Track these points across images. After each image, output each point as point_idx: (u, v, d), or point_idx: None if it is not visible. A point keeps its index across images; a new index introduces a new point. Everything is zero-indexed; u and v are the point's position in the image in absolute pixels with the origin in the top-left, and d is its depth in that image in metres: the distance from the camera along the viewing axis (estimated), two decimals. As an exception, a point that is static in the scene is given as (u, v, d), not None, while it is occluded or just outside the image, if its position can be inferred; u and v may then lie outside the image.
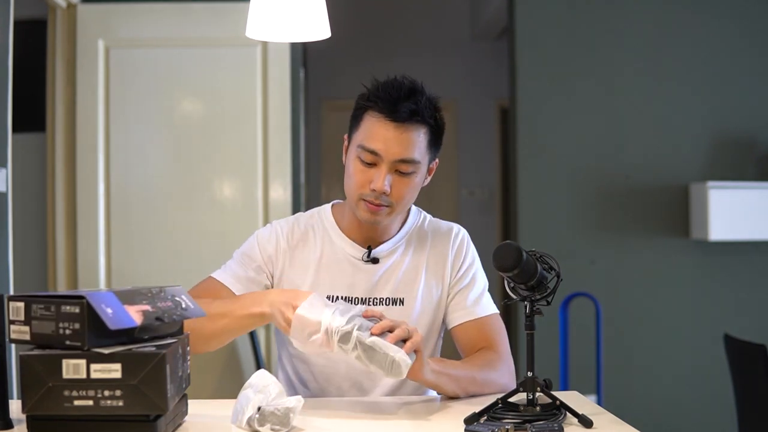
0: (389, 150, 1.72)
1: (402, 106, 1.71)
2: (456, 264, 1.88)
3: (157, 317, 1.42)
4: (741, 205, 3.76)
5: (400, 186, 1.75)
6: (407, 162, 1.73)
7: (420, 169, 1.77)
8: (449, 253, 1.88)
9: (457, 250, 1.88)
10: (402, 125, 1.72)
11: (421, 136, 1.74)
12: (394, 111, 1.71)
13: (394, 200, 1.76)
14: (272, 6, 1.81)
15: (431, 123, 1.76)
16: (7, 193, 2.80)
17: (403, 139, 1.72)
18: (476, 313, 1.85)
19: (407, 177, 1.75)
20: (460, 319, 1.85)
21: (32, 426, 1.36)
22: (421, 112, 1.72)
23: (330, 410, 1.64)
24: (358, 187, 1.75)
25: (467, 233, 1.93)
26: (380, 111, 1.72)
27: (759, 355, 2.71)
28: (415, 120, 1.72)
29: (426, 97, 1.74)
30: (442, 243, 1.89)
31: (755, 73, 3.98)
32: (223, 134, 3.59)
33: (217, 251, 3.54)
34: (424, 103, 1.73)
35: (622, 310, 3.91)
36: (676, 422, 3.91)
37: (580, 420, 1.46)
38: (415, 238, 1.89)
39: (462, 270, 1.88)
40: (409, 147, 1.73)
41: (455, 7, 5.84)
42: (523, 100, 3.96)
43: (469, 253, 1.90)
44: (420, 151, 1.75)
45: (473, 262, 1.90)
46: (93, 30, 3.54)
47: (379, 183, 1.72)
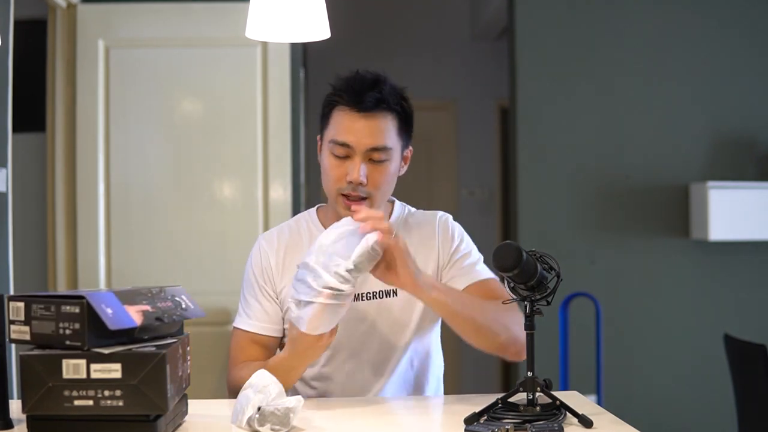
0: (360, 140, 1.75)
1: (367, 96, 1.75)
2: (445, 244, 1.88)
3: (157, 317, 1.42)
4: (741, 205, 3.75)
5: (376, 175, 1.77)
6: (379, 150, 1.76)
7: (393, 156, 1.80)
8: (436, 237, 1.88)
9: (443, 231, 1.89)
10: (369, 114, 1.76)
11: (389, 123, 1.78)
12: (359, 102, 1.75)
13: (372, 190, 1.77)
14: (272, 6, 1.81)
15: (398, 110, 1.79)
16: (7, 193, 2.80)
17: (372, 127, 1.76)
18: (478, 276, 1.84)
19: (381, 165, 1.78)
20: (465, 282, 1.83)
21: (32, 426, 1.36)
22: (386, 99, 1.76)
23: (330, 410, 1.64)
24: (335, 182, 1.78)
25: (451, 217, 1.94)
26: (346, 104, 1.77)
27: (759, 355, 2.71)
28: (381, 108, 1.76)
29: (390, 86, 1.79)
30: (428, 229, 1.90)
31: (755, 73, 3.98)
32: (223, 134, 3.58)
33: (217, 251, 3.55)
34: (388, 90, 1.78)
35: (622, 310, 3.91)
36: (676, 422, 3.91)
37: (580, 420, 1.46)
38: (401, 229, 1.89)
39: (453, 246, 1.88)
40: (378, 135, 1.76)
41: (455, 7, 5.84)
42: (523, 100, 3.96)
43: (456, 231, 1.91)
44: (390, 138, 1.78)
45: (462, 238, 1.90)
46: (93, 30, 3.54)
47: (355, 174, 1.75)
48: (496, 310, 1.72)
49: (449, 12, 5.86)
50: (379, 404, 1.72)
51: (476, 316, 1.68)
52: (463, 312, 1.68)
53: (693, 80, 3.96)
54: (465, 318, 1.68)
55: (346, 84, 1.78)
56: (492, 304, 1.74)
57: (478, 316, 1.69)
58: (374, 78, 1.79)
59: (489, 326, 1.70)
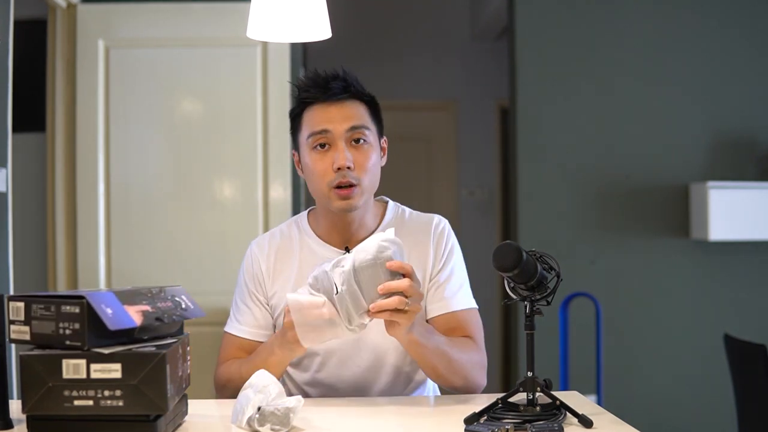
0: (337, 125, 1.78)
1: (332, 85, 1.79)
2: (437, 253, 1.87)
3: (156, 317, 1.42)
4: (741, 205, 3.75)
5: (360, 157, 1.78)
6: (358, 128, 1.79)
7: (371, 139, 1.81)
8: (430, 243, 1.87)
9: (438, 239, 1.88)
10: (338, 101, 1.79)
11: (360, 107, 1.81)
12: (326, 91, 1.79)
13: (359, 174, 1.78)
14: (273, 6, 1.81)
15: (366, 98, 1.83)
16: (7, 193, 2.80)
17: (344, 111, 1.79)
18: (453, 306, 1.84)
19: (363, 147, 1.79)
20: (438, 311, 1.84)
21: (32, 426, 1.36)
22: (352, 86, 1.80)
23: (330, 410, 1.64)
24: (322, 175, 1.78)
25: (448, 223, 1.93)
26: (314, 99, 1.80)
27: (759, 355, 2.71)
28: (349, 93, 1.80)
29: (352, 75, 1.82)
30: (423, 233, 1.88)
31: (755, 73, 3.98)
32: (223, 134, 3.59)
33: (217, 251, 3.55)
34: (351, 78, 1.81)
35: (622, 310, 3.91)
36: (676, 422, 3.91)
37: (580, 420, 1.46)
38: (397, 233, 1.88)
39: (442, 261, 1.86)
40: (353, 116, 1.79)
41: (455, 7, 5.84)
42: (523, 100, 3.96)
43: (449, 243, 1.89)
44: (365, 119, 1.81)
45: (453, 253, 1.89)
46: (93, 30, 3.54)
47: (341, 158, 1.76)
48: (460, 359, 1.75)
49: (449, 12, 5.86)
50: (378, 404, 1.72)
51: (440, 365, 1.73)
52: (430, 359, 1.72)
53: (693, 80, 3.96)
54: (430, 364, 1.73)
55: (310, 81, 1.82)
56: (458, 352, 1.75)
57: (442, 366, 1.73)
58: (334, 71, 1.82)
59: (449, 376, 1.75)
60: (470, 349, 1.80)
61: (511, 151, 4.10)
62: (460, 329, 1.83)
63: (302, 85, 1.83)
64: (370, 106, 1.84)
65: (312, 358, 1.84)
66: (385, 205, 1.94)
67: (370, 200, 1.85)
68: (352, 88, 1.80)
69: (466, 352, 1.78)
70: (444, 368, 1.73)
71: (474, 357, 1.79)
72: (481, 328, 1.87)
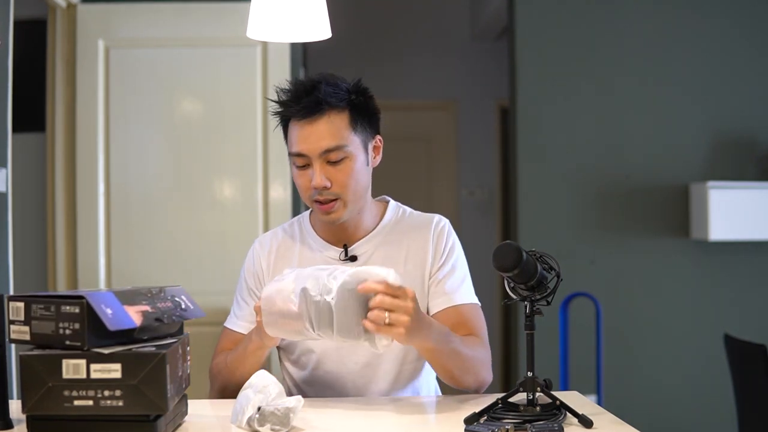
0: (311, 146, 1.76)
1: (303, 103, 1.77)
2: (437, 251, 1.86)
3: (156, 318, 1.42)
4: (741, 205, 3.75)
5: (338, 175, 1.77)
6: (332, 150, 1.76)
7: (352, 152, 1.78)
8: (430, 241, 1.87)
9: (438, 237, 1.87)
10: (311, 119, 1.77)
11: (336, 121, 1.77)
12: (300, 109, 1.77)
13: (339, 191, 1.77)
14: (272, 6, 1.81)
15: (342, 105, 1.78)
16: (7, 193, 2.80)
17: (317, 131, 1.76)
18: (455, 300, 1.84)
19: (341, 164, 1.77)
20: (440, 305, 1.84)
21: (32, 426, 1.36)
22: (323, 100, 1.76)
23: (330, 410, 1.64)
24: (304, 191, 1.80)
25: (449, 223, 1.93)
26: (291, 115, 1.80)
27: (759, 355, 2.71)
28: (320, 110, 1.76)
29: (328, 85, 1.78)
30: (423, 232, 1.88)
31: (755, 73, 3.98)
32: (223, 134, 3.58)
33: (217, 251, 3.55)
34: (324, 91, 1.77)
35: (622, 310, 3.91)
36: (676, 422, 3.91)
37: (580, 420, 1.46)
38: (395, 231, 1.89)
39: (443, 257, 1.86)
40: (326, 136, 1.76)
41: (455, 7, 5.83)
42: (523, 100, 3.96)
43: (449, 240, 1.89)
44: (341, 135, 1.77)
45: (453, 250, 1.89)
46: (93, 30, 3.54)
47: (316, 179, 1.76)
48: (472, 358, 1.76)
49: (449, 12, 5.86)
50: (379, 404, 1.72)
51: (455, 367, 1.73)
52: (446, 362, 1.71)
53: (693, 80, 3.96)
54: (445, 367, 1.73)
55: (284, 96, 1.82)
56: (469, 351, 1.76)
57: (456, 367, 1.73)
58: (311, 83, 1.79)
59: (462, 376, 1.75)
60: (477, 346, 1.80)
61: (511, 151, 4.10)
62: (463, 324, 1.83)
63: (278, 99, 1.83)
64: (354, 111, 1.80)
65: (309, 356, 1.84)
66: (386, 205, 1.93)
67: (361, 204, 1.84)
68: (324, 103, 1.76)
69: (475, 350, 1.78)
70: (458, 369, 1.73)
71: (481, 354, 1.80)
72: (485, 323, 1.88)
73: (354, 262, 1.85)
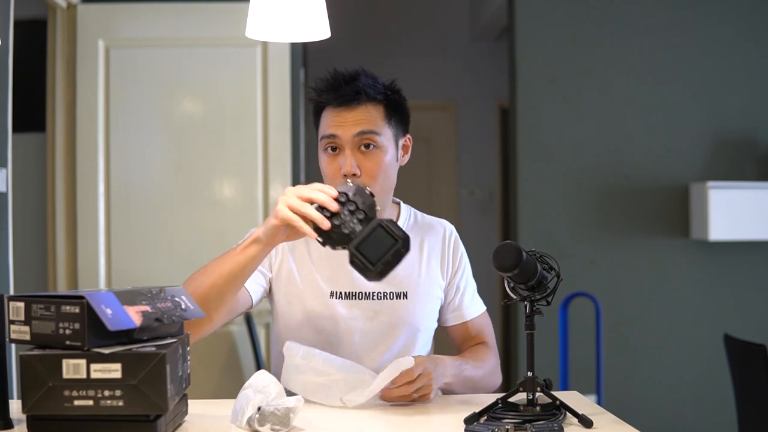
0: (345, 131, 1.78)
1: (343, 90, 1.79)
2: (453, 265, 1.94)
3: (156, 318, 1.42)
4: (741, 205, 3.75)
5: (368, 164, 1.78)
6: (366, 134, 1.78)
7: (383, 143, 1.80)
8: (445, 252, 1.93)
9: (453, 249, 1.94)
10: (349, 106, 1.79)
11: (372, 111, 1.80)
12: (337, 97, 1.79)
13: (368, 181, 1.77)
14: (272, 6, 1.81)
15: (379, 98, 1.81)
16: (7, 193, 2.80)
17: (354, 117, 1.78)
18: (468, 316, 1.95)
19: (372, 152, 1.79)
20: (454, 320, 1.95)
21: (32, 426, 1.36)
22: (363, 90, 1.79)
23: (330, 410, 1.64)
24: (332, 179, 1.80)
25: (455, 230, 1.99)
26: (327, 102, 1.81)
27: (759, 355, 2.71)
28: (360, 99, 1.79)
29: (368, 78, 1.81)
30: (436, 239, 1.94)
31: (755, 73, 3.98)
32: (223, 134, 3.58)
33: (217, 251, 3.52)
34: (364, 82, 1.80)
35: (622, 310, 3.91)
36: (676, 422, 3.91)
37: (580, 420, 1.46)
38: (415, 232, 1.91)
39: (458, 272, 1.94)
40: (362, 122, 1.78)
41: (455, 7, 5.84)
42: (523, 100, 3.96)
43: (459, 251, 1.96)
44: (376, 124, 1.79)
45: (463, 261, 1.97)
46: (93, 30, 3.54)
47: (347, 165, 1.76)
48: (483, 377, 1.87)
49: (449, 12, 5.86)
50: (379, 404, 1.72)
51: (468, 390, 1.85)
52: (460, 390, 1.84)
53: (693, 80, 3.96)
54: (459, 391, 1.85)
55: (324, 84, 1.83)
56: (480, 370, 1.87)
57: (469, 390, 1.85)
58: (351, 74, 1.82)
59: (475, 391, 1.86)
60: (487, 357, 1.91)
61: (511, 151, 4.10)
62: (475, 335, 1.95)
63: (318, 87, 1.84)
64: (389, 107, 1.83)
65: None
66: (399, 207, 1.96)
67: (385, 202, 1.85)
68: (363, 93, 1.79)
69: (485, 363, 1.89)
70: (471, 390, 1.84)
71: (491, 364, 1.90)
72: (491, 327, 2.00)
73: None
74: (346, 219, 1.51)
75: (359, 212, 1.51)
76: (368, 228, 1.49)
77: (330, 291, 1.83)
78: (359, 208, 1.51)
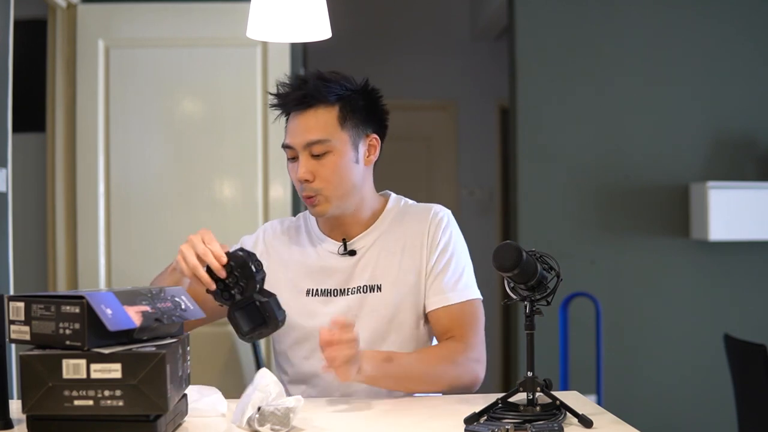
0: (295, 139, 1.80)
1: (291, 96, 1.81)
2: (433, 243, 1.85)
3: (156, 318, 1.42)
4: (741, 205, 3.75)
5: (321, 170, 1.79)
6: (314, 143, 1.78)
7: (336, 147, 1.79)
8: (425, 233, 1.86)
9: (434, 230, 1.86)
10: (299, 113, 1.81)
11: (322, 116, 1.79)
12: (285, 104, 1.82)
13: (321, 186, 1.79)
14: (273, 6, 1.81)
15: (329, 100, 1.80)
16: (7, 193, 2.80)
17: (303, 124, 1.79)
18: (450, 299, 1.82)
19: (324, 158, 1.79)
20: (434, 304, 1.83)
21: (32, 426, 1.36)
22: (310, 95, 1.79)
23: (330, 410, 1.64)
24: (296, 184, 1.83)
25: (449, 214, 1.92)
26: (280, 108, 1.84)
27: (759, 355, 2.71)
28: (306, 104, 1.79)
29: (317, 80, 1.80)
30: (419, 223, 1.88)
31: (755, 73, 3.98)
32: (223, 134, 3.58)
33: (217, 251, 3.54)
34: (313, 85, 1.79)
35: (622, 310, 3.91)
36: (676, 422, 3.91)
37: (580, 420, 1.46)
38: (394, 223, 1.90)
39: (438, 251, 1.85)
40: (310, 129, 1.79)
41: (455, 7, 5.83)
42: (523, 100, 3.96)
43: (446, 232, 1.87)
44: (326, 130, 1.79)
45: (450, 242, 1.87)
46: (93, 30, 3.54)
47: (299, 171, 1.79)
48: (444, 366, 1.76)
49: (449, 12, 5.86)
50: (379, 404, 1.72)
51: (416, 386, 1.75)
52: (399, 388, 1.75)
53: (693, 80, 3.96)
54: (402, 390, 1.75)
55: (277, 89, 1.85)
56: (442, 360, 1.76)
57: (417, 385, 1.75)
58: (302, 78, 1.83)
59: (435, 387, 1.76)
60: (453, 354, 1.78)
61: (511, 151, 4.10)
62: (457, 323, 1.81)
63: (271, 93, 1.87)
64: (345, 108, 1.81)
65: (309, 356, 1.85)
66: (386, 199, 1.95)
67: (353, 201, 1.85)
68: (309, 98, 1.78)
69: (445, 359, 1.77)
70: (422, 386, 1.75)
71: (458, 359, 1.77)
72: (481, 319, 1.85)
73: (353, 256, 1.86)
74: (231, 284, 1.61)
75: (240, 284, 1.60)
76: (244, 301, 1.60)
77: (306, 289, 1.86)
78: (239, 283, 1.60)
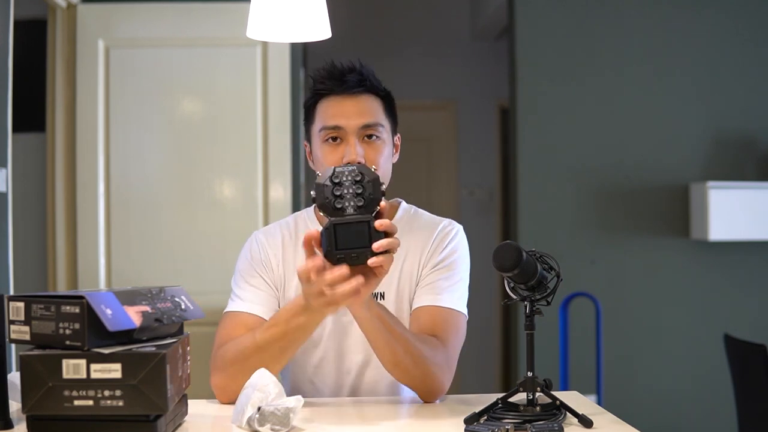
0: (350, 121, 1.74)
1: (348, 78, 1.76)
2: (437, 251, 1.80)
3: (156, 318, 1.42)
4: (741, 205, 3.75)
5: (372, 153, 1.74)
6: (371, 126, 1.75)
7: (385, 135, 1.78)
8: (430, 242, 1.81)
9: (440, 239, 1.81)
10: (354, 95, 1.76)
11: (375, 102, 1.78)
12: (342, 84, 1.75)
13: None
14: (273, 6, 1.81)
15: (381, 92, 1.79)
16: (7, 193, 2.80)
17: (359, 106, 1.76)
18: (441, 301, 1.75)
19: (376, 143, 1.76)
20: (423, 302, 1.76)
21: (32, 426, 1.36)
22: (368, 79, 1.77)
23: (330, 410, 1.64)
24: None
25: (461, 229, 1.86)
26: (330, 92, 1.77)
27: (759, 355, 2.71)
28: (365, 87, 1.76)
29: (368, 69, 1.79)
30: (427, 233, 1.82)
31: (755, 73, 3.98)
32: (223, 134, 3.58)
33: (217, 251, 3.54)
34: (367, 72, 1.78)
35: (622, 310, 3.91)
36: (677, 422, 3.91)
37: (580, 420, 1.46)
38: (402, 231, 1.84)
39: (440, 256, 1.79)
40: (367, 112, 1.76)
41: (455, 7, 5.83)
42: (523, 100, 3.96)
43: (452, 243, 1.82)
44: (380, 116, 1.77)
45: (454, 253, 1.81)
46: (93, 30, 3.54)
47: (352, 153, 1.71)
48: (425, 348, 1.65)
49: (449, 12, 5.86)
50: (379, 404, 1.72)
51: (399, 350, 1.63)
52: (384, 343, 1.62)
53: (693, 80, 3.96)
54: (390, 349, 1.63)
55: (325, 73, 1.78)
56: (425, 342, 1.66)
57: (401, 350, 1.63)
58: (350, 64, 1.80)
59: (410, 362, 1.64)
60: (435, 347, 1.69)
61: (511, 151, 4.10)
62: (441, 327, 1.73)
63: (317, 76, 1.79)
64: (386, 102, 1.81)
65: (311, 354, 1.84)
66: (398, 207, 1.89)
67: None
68: (367, 82, 1.76)
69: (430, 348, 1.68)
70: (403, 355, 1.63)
71: (438, 355, 1.69)
72: (461, 335, 1.78)
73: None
74: (347, 195, 1.45)
75: (360, 198, 1.45)
76: (357, 218, 1.44)
77: None
78: (361, 195, 1.45)
